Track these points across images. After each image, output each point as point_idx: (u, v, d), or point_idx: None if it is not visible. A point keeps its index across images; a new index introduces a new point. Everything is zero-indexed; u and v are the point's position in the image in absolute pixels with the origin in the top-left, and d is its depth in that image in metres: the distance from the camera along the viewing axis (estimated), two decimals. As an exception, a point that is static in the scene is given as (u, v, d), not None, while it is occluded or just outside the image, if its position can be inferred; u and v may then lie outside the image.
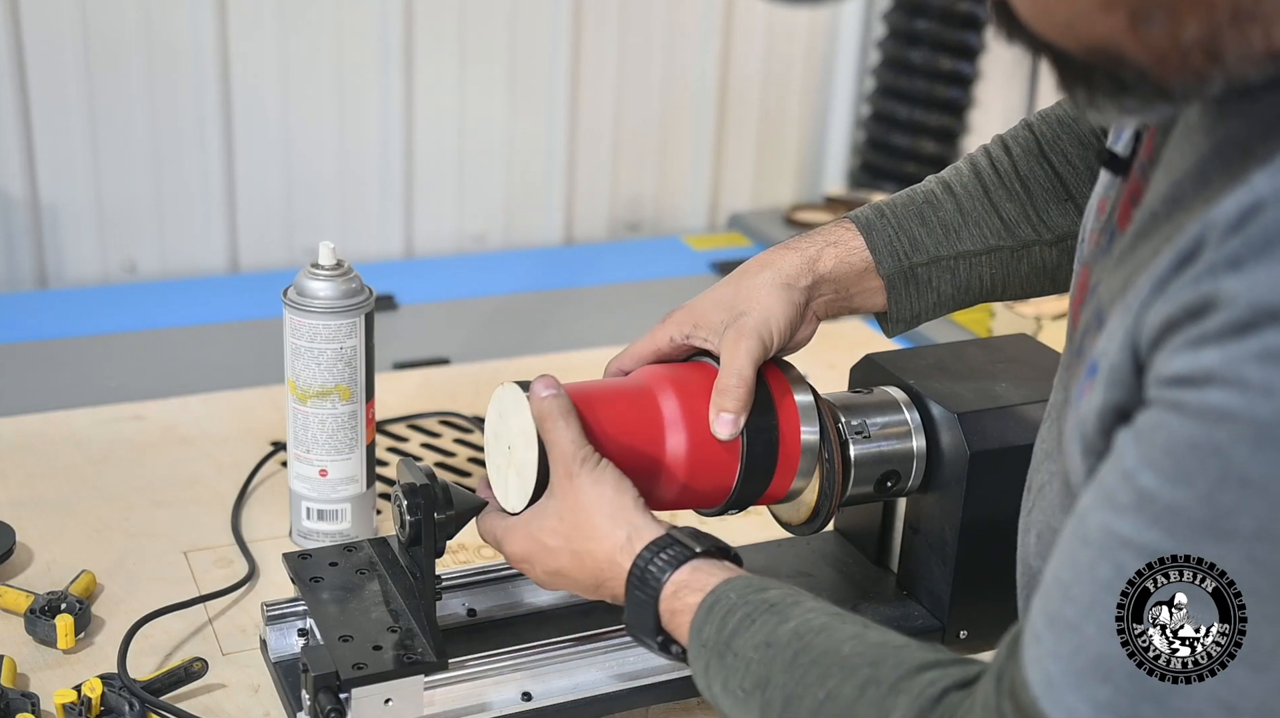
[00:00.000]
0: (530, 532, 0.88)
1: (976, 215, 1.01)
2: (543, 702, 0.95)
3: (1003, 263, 1.01)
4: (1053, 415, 0.81)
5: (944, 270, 1.01)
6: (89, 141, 1.76)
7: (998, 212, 1.01)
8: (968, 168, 1.04)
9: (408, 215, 1.95)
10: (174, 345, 1.58)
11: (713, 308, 0.97)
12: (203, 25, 1.75)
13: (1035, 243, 1.02)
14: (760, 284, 0.96)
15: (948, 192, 1.02)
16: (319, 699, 0.88)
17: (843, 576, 1.11)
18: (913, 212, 1.01)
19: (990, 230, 1.01)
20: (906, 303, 1.01)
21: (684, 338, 0.97)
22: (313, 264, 1.10)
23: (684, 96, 2.08)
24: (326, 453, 1.13)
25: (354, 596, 0.97)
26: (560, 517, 0.87)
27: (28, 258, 1.77)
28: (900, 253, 0.99)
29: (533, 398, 0.88)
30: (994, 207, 1.01)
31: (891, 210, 1.01)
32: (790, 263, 0.97)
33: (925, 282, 1.00)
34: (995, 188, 1.02)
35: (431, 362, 1.56)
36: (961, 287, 1.01)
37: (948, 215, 1.01)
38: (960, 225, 1.01)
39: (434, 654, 0.91)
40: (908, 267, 0.99)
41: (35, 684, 0.99)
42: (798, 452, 0.96)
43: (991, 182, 1.02)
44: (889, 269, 0.99)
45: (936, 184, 1.03)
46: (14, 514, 1.17)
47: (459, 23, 1.90)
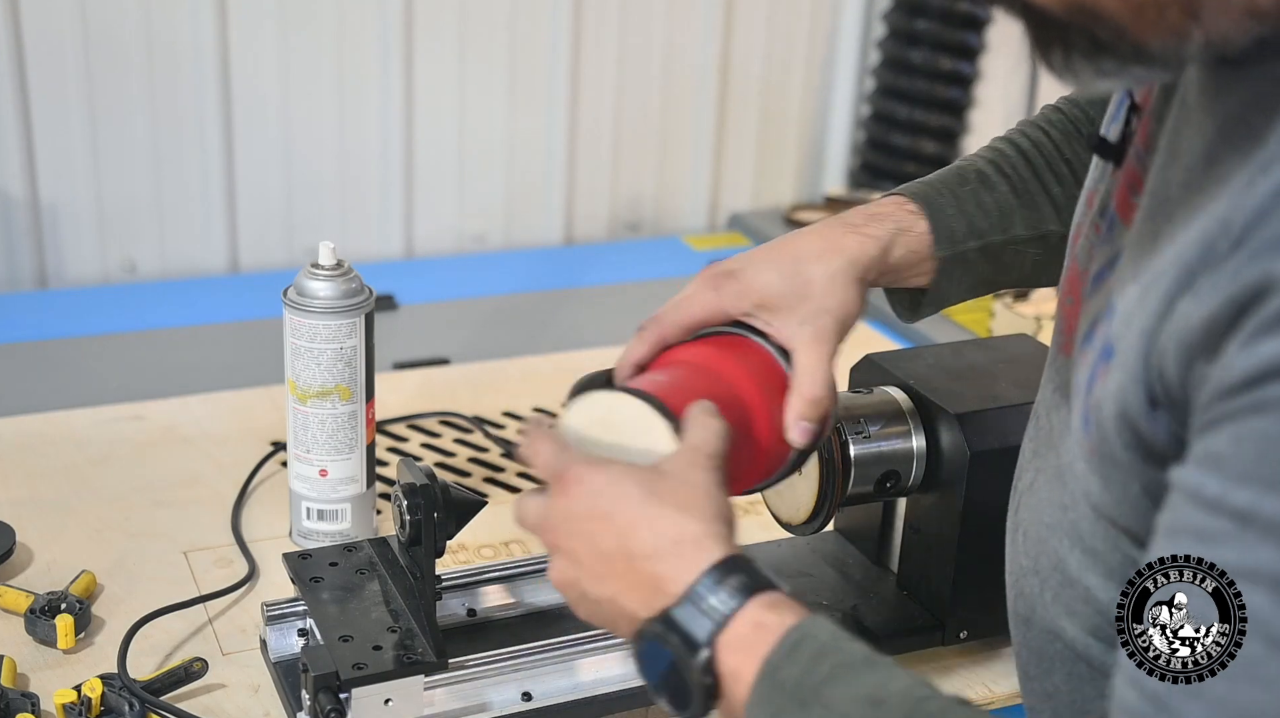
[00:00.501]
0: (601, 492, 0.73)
1: (1028, 198, 0.96)
2: (543, 702, 0.95)
3: (1049, 246, 0.96)
4: (1040, 413, 0.81)
5: (990, 257, 0.95)
6: (89, 141, 1.76)
7: (1048, 194, 0.96)
8: (1011, 150, 0.98)
9: (408, 215, 1.95)
10: (174, 345, 1.58)
11: (781, 293, 0.87)
12: (203, 25, 1.75)
13: None
14: (836, 275, 0.87)
15: (999, 173, 0.96)
16: (319, 699, 0.88)
17: (843, 576, 1.11)
18: (968, 192, 0.94)
19: (1044, 215, 0.96)
20: (949, 288, 0.95)
21: (742, 314, 0.88)
22: (313, 264, 1.10)
23: (684, 96, 2.08)
24: (326, 453, 1.13)
25: (354, 596, 0.97)
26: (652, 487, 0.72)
27: (28, 258, 1.77)
28: (956, 237, 0.93)
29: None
30: (1044, 189, 0.96)
31: (950, 189, 0.94)
32: (867, 254, 0.89)
33: (969, 268, 0.94)
34: (1044, 170, 0.97)
35: (431, 362, 1.56)
36: (1003, 270, 0.96)
37: (1002, 197, 0.95)
38: (1014, 208, 0.95)
39: (434, 654, 0.91)
40: (960, 252, 0.93)
41: (35, 684, 0.99)
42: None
43: (1039, 164, 0.97)
44: (945, 252, 0.92)
45: (985, 164, 0.97)
46: (14, 514, 1.17)
47: (459, 23, 1.90)
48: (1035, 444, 0.82)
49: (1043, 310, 1.69)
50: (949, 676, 1.06)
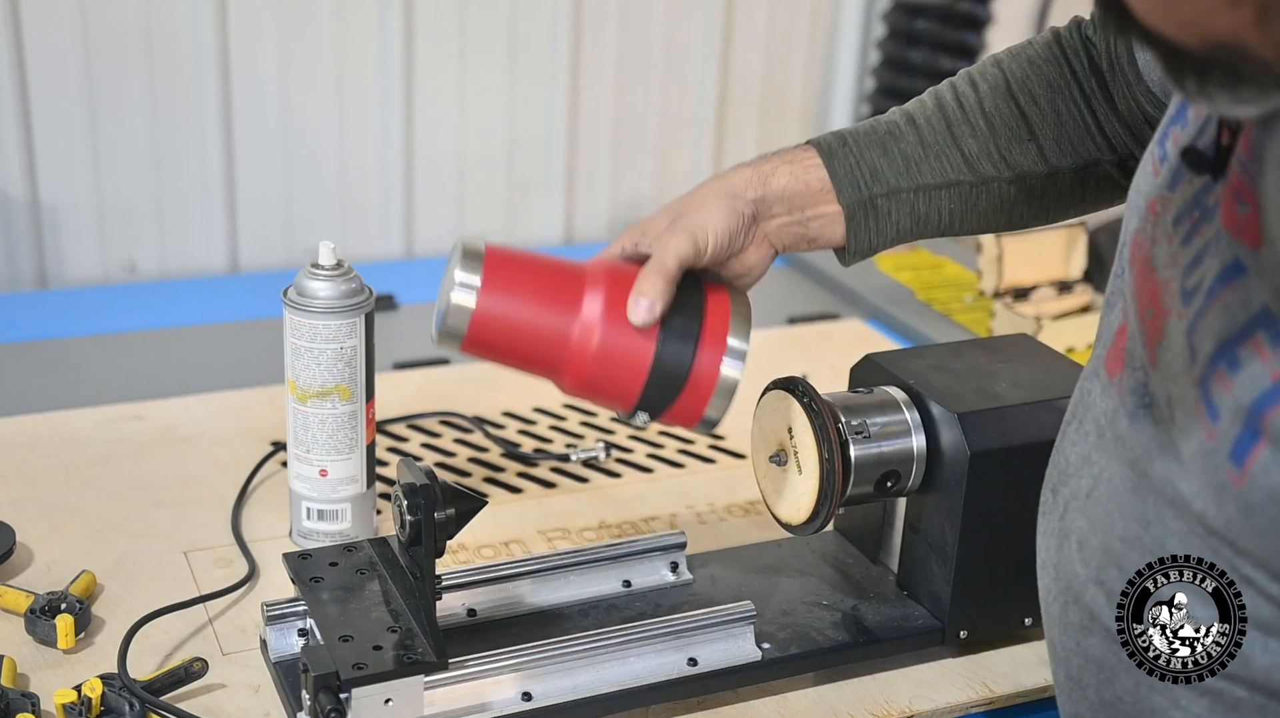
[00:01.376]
0: None
1: (938, 149, 1.01)
2: (543, 702, 0.95)
3: (961, 197, 1.01)
4: (1099, 420, 0.79)
5: (903, 203, 1.00)
6: (89, 141, 1.76)
7: (959, 146, 1.01)
8: (932, 101, 1.03)
9: (408, 215, 1.95)
10: (174, 345, 1.58)
11: (660, 217, 0.97)
12: (203, 25, 1.75)
13: (995, 179, 1.02)
14: (705, 192, 0.97)
15: (910, 124, 1.02)
16: (319, 699, 0.88)
17: (843, 576, 1.11)
18: (874, 141, 1.01)
19: (950, 165, 1.01)
20: (865, 234, 1.00)
21: (634, 246, 0.97)
22: (313, 264, 1.10)
23: (684, 96, 2.08)
24: (326, 453, 1.13)
25: (354, 596, 0.97)
26: None
27: (28, 258, 1.77)
28: (861, 183, 0.99)
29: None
30: (956, 141, 1.01)
31: (854, 138, 1.01)
32: (741, 175, 0.98)
33: (884, 213, 1.00)
34: (959, 123, 1.02)
35: (431, 362, 1.56)
36: (920, 219, 1.02)
37: (909, 147, 1.01)
38: (921, 158, 1.01)
39: (434, 654, 0.91)
40: (867, 197, 0.99)
41: (35, 684, 0.99)
42: (715, 370, 0.92)
43: (955, 116, 1.02)
44: (849, 198, 0.99)
45: (900, 115, 1.03)
46: (14, 514, 1.17)
47: (459, 23, 1.90)
48: (1082, 450, 0.80)
49: (1043, 310, 1.69)
50: (949, 676, 1.06)
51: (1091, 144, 1.03)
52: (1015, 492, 0.99)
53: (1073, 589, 0.79)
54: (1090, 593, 0.77)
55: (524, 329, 0.92)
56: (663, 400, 0.93)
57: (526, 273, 0.93)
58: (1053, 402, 1.03)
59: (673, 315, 0.92)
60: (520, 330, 0.92)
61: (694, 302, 0.93)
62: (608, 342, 0.92)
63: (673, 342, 0.92)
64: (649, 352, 0.92)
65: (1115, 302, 0.81)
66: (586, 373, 0.93)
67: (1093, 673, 0.78)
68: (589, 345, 0.92)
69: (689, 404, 0.93)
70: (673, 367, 0.92)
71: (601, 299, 0.92)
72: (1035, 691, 1.04)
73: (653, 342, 0.92)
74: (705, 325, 0.93)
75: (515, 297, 0.91)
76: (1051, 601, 0.83)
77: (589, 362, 0.92)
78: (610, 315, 0.92)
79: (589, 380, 0.93)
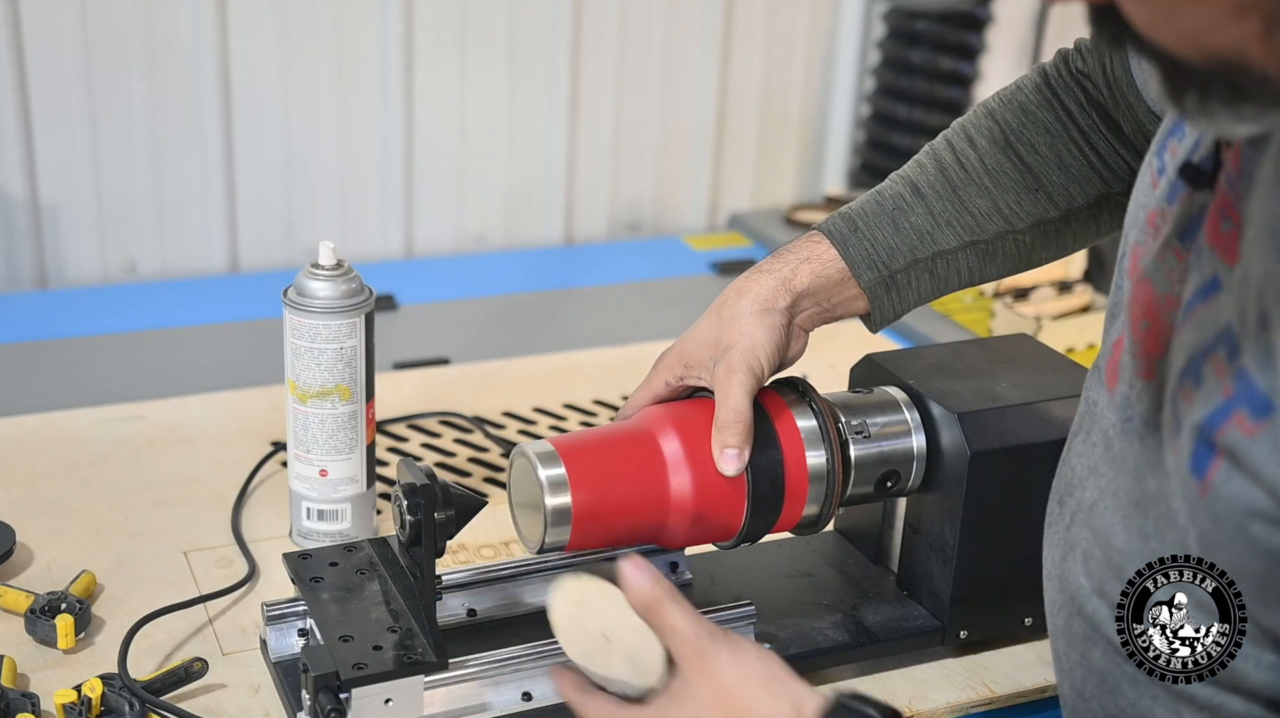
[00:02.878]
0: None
1: (948, 216, 1.01)
2: (543, 702, 0.95)
3: (979, 254, 1.02)
4: (1106, 432, 0.79)
5: (922, 271, 1.01)
6: (89, 141, 1.76)
7: (968, 209, 1.01)
8: (933, 164, 1.03)
9: (408, 215, 1.95)
10: (174, 345, 1.58)
11: (699, 346, 0.98)
12: (203, 25, 1.75)
13: (1009, 232, 1.02)
14: (741, 313, 0.97)
15: (916, 193, 1.02)
16: (319, 699, 0.88)
17: (843, 576, 1.11)
18: (884, 218, 1.01)
19: (963, 228, 1.01)
20: (890, 306, 1.02)
21: (678, 380, 0.98)
22: (313, 264, 1.10)
23: (684, 96, 2.08)
24: (326, 453, 1.13)
25: (354, 596, 0.97)
26: (705, 703, 0.77)
27: (28, 258, 1.77)
28: (878, 263, 1.00)
29: (631, 589, 0.80)
30: (964, 204, 1.01)
31: (863, 220, 1.01)
32: (766, 286, 0.98)
33: (905, 285, 1.01)
34: (964, 184, 1.02)
35: (431, 362, 1.56)
36: (940, 281, 1.02)
37: (919, 219, 1.01)
38: (933, 227, 1.01)
39: (434, 654, 0.91)
40: (887, 274, 1.00)
41: (35, 684, 0.99)
42: (805, 480, 0.97)
43: (959, 178, 1.02)
44: (869, 280, 1.00)
45: (904, 186, 1.03)
46: (14, 514, 1.17)
47: (459, 23, 1.90)
48: (1089, 461, 0.80)
49: (1043, 310, 1.69)
50: (949, 676, 1.05)
51: (1099, 180, 1.02)
52: (1015, 492, 0.99)
53: (1076, 601, 0.79)
54: (1093, 605, 0.77)
55: (621, 512, 0.94)
56: (762, 529, 0.98)
57: (603, 457, 0.94)
58: (1052, 402, 1.03)
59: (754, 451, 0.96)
60: (617, 514, 0.94)
61: (763, 427, 0.96)
62: (704, 502, 0.95)
63: (763, 481, 0.96)
64: (742, 496, 0.96)
65: (1117, 313, 0.80)
66: (685, 535, 0.97)
67: (1095, 685, 0.78)
68: (686, 513, 0.95)
69: (787, 519, 0.99)
70: (768, 500, 0.97)
71: (685, 461, 0.95)
72: (1035, 691, 1.04)
73: (744, 487, 0.96)
74: (784, 448, 0.97)
75: (601, 484, 0.93)
76: (1056, 612, 0.83)
77: (687, 526, 0.96)
78: (700, 478, 0.95)
79: (688, 539, 0.98)
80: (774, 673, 0.76)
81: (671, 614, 0.79)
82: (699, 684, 0.77)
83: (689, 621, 0.78)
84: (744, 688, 0.76)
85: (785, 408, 0.98)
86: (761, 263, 1.01)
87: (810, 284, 0.99)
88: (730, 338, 0.96)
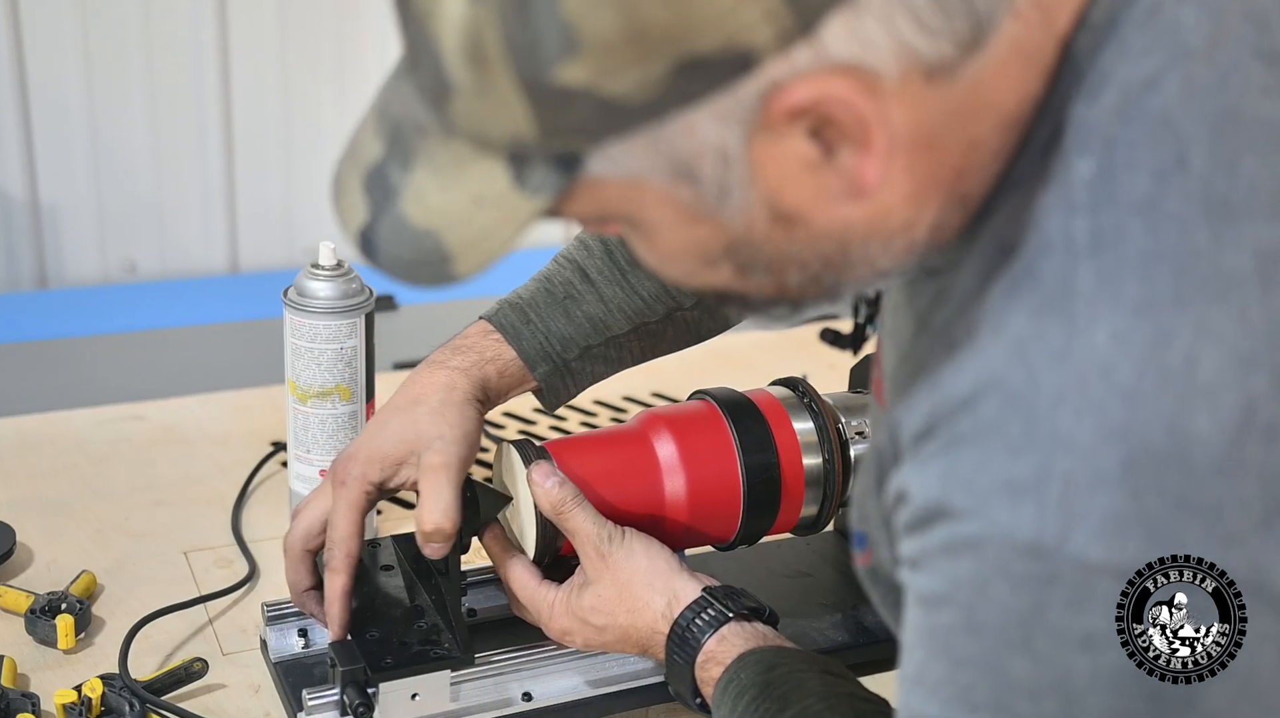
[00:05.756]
0: (573, 611, 0.92)
1: (619, 302, 1.02)
2: (543, 702, 0.95)
3: (650, 334, 1.03)
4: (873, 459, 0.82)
5: (595, 357, 1.02)
6: (89, 142, 1.76)
7: (638, 293, 1.02)
8: (599, 247, 1.03)
9: (408, 215, 1.95)
10: (174, 345, 1.58)
11: (395, 444, 0.94)
12: (203, 26, 1.76)
13: (677, 309, 1.03)
14: (436, 409, 0.95)
15: (585, 280, 1.02)
16: (347, 693, 0.89)
17: (843, 576, 1.11)
18: (555, 308, 1.01)
19: (634, 313, 1.02)
20: (564, 391, 1.02)
21: (381, 481, 0.95)
22: (313, 264, 1.10)
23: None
24: (327, 453, 1.13)
25: (378, 592, 0.97)
26: (601, 595, 0.91)
27: (28, 258, 1.77)
28: (553, 355, 1.01)
29: (536, 489, 0.91)
30: (633, 289, 1.02)
31: (534, 310, 1.01)
32: (458, 385, 0.97)
33: (580, 370, 1.02)
34: (631, 267, 1.02)
35: (431, 362, 1.56)
36: (613, 363, 1.04)
37: (591, 307, 1.01)
38: (606, 314, 1.02)
39: (460, 649, 0.92)
40: (561, 364, 1.01)
41: (35, 684, 0.99)
42: (801, 482, 0.98)
43: (626, 261, 1.02)
44: (544, 372, 1.01)
45: (572, 271, 1.03)
46: (14, 514, 1.17)
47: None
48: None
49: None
50: (949, 676, 1.05)
51: None
52: (1015, 492, 0.99)
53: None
54: None
55: (613, 515, 0.94)
56: (759, 531, 1.00)
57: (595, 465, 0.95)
58: (1053, 402, 1.03)
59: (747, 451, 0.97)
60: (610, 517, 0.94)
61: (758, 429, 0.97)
62: (699, 508, 0.97)
63: (758, 483, 0.97)
64: (738, 501, 0.97)
65: None
66: (680, 540, 0.98)
67: None
68: (681, 518, 0.97)
69: (784, 521, 1.00)
70: (763, 504, 0.98)
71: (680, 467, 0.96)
72: (1035, 691, 1.04)
73: (739, 492, 0.97)
74: (779, 451, 0.97)
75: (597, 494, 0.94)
76: None
77: (682, 531, 0.97)
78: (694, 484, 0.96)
79: (683, 542, 0.99)
80: (659, 569, 0.90)
81: (575, 518, 0.91)
82: (597, 582, 0.91)
83: (592, 523, 0.91)
84: (634, 582, 0.90)
85: (783, 410, 0.98)
86: (441, 356, 1.00)
87: (497, 384, 0.99)
88: (433, 431, 0.94)
